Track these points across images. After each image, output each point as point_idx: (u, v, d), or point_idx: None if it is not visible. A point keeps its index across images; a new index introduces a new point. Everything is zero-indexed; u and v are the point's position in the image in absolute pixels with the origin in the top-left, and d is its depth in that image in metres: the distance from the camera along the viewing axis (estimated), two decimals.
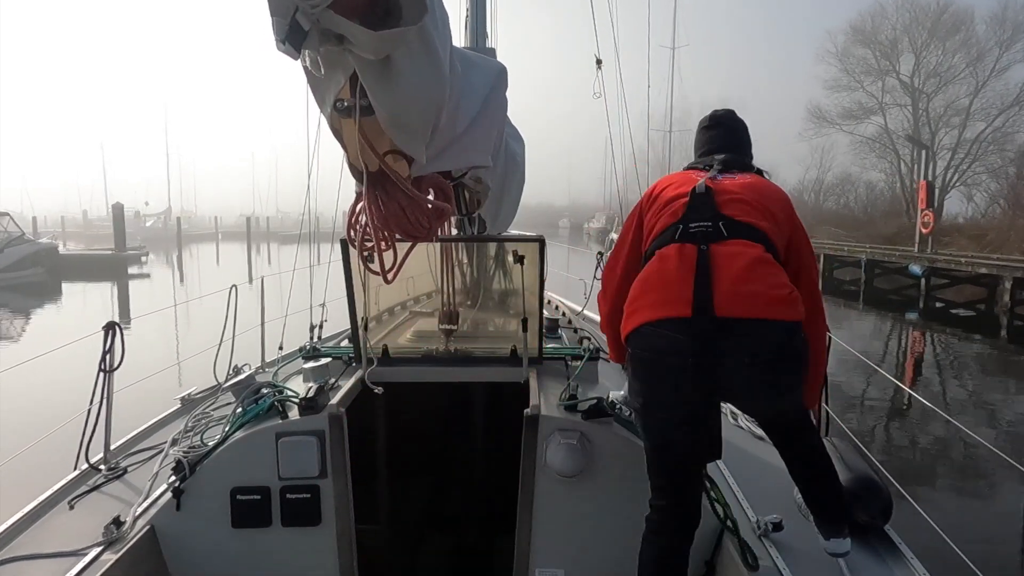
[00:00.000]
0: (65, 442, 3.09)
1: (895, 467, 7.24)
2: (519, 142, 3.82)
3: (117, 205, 34.26)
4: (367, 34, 1.47)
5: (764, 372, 2.02)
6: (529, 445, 2.44)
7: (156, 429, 3.46)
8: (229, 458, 2.46)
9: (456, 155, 2.15)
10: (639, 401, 2.15)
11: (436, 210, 2.04)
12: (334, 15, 1.42)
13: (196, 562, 2.44)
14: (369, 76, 1.63)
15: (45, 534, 2.47)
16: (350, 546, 2.52)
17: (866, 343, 16.66)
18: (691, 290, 2.01)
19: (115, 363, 3.02)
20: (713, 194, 2.22)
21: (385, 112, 1.73)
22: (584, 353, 3.20)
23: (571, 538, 2.43)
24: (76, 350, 3.87)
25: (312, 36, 1.44)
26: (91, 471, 2.94)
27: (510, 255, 2.95)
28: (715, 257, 2.06)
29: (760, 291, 2.02)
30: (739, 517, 2.57)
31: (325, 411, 2.50)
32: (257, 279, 4.74)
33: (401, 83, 1.65)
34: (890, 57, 41.73)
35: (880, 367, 11.89)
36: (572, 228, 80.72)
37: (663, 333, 2.03)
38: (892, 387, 10.78)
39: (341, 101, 1.75)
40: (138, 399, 3.84)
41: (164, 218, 61.59)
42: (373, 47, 1.52)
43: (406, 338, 3.27)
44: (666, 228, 2.21)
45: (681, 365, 2.00)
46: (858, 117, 43.55)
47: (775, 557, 2.34)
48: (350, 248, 2.85)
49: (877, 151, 43.43)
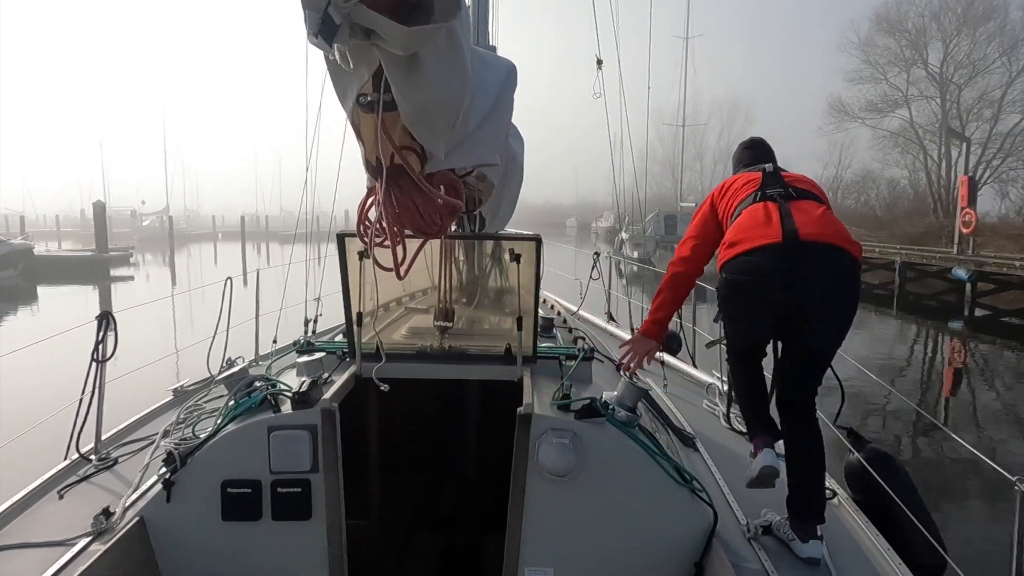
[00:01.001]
0: (56, 432, 3.08)
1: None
2: (518, 141, 3.83)
3: (98, 203, 32.16)
4: (399, 29, 1.47)
5: (835, 290, 2.42)
6: (521, 444, 2.44)
7: (148, 420, 3.45)
8: (220, 451, 2.45)
9: (468, 152, 2.16)
10: (728, 313, 2.63)
11: (448, 206, 2.04)
12: (366, 9, 1.43)
13: (185, 554, 2.43)
14: (395, 71, 1.63)
15: (34, 524, 2.46)
16: (340, 541, 2.52)
17: (910, 354, 15.45)
18: (779, 224, 2.46)
19: (107, 353, 3.01)
20: (779, 172, 2.77)
21: (409, 108, 1.73)
22: (578, 353, 3.20)
23: (561, 537, 2.44)
24: (65, 343, 3.86)
25: (343, 30, 1.45)
26: (81, 461, 2.93)
27: (507, 253, 2.95)
28: (793, 207, 2.54)
29: (835, 227, 2.50)
30: (729, 520, 2.57)
31: (318, 406, 2.50)
32: (251, 276, 4.73)
33: (427, 79, 1.66)
34: (917, 46, 39.18)
35: (931, 385, 11.31)
36: (580, 227, 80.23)
37: (756, 260, 2.45)
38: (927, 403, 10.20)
39: (364, 96, 1.76)
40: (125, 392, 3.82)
41: (161, 217, 61.20)
42: (403, 42, 1.52)
43: (401, 334, 3.27)
44: (746, 197, 2.68)
45: (768, 283, 2.41)
46: (882, 110, 41.04)
47: (764, 560, 2.35)
48: (347, 243, 2.85)
49: (901, 146, 40.93)
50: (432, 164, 1.98)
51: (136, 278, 30.16)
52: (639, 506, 2.41)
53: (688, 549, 2.39)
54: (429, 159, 1.98)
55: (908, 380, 11.61)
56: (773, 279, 2.40)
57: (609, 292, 6.64)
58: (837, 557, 2.45)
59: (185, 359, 4.81)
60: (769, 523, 2.54)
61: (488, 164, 2.52)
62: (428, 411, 4.09)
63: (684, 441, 3.28)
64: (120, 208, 64.10)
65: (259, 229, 64.16)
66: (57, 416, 3.13)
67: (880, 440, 8.80)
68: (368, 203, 2.06)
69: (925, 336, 18.77)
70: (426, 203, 1.97)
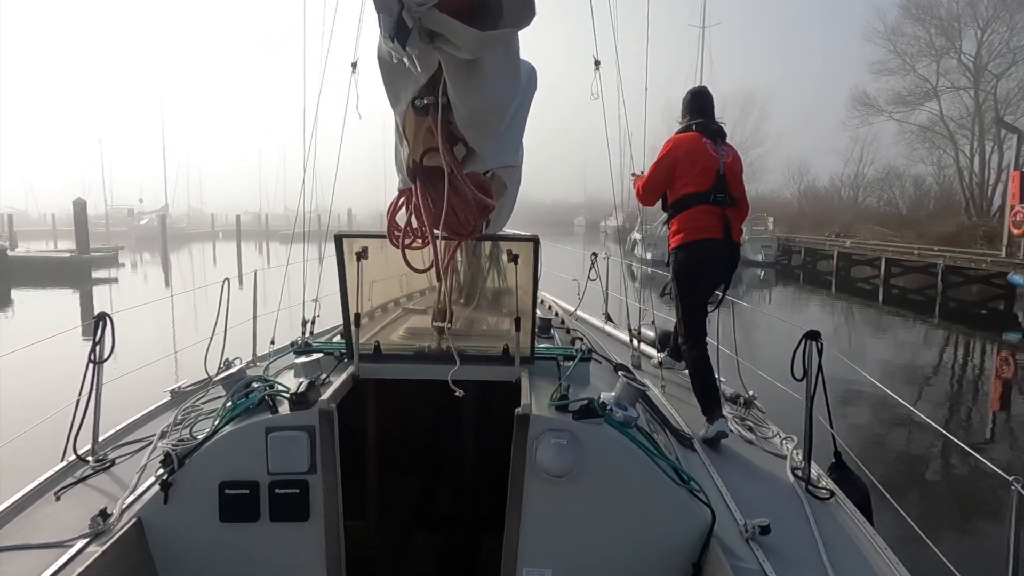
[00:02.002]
0: (53, 433, 3.07)
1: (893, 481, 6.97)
2: None
3: (78, 201, 29.97)
4: (472, 33, 1.47)
5: (735, 268, 4.11)
6: (519, 444, 2.44)
7: (145, 422, 3.44)
8: (218, 452, 2.44)
9: (497, 153, 2.18)
10: (688, 274, 3.97)
11: (481, 206, 2.05)
12: (439, 13, 1.44)
13: (183, 555, 2.43)
14: (456, 75, 1.65)
15: (31, 525, 2.45)
16: (338, 542, 2.52)
17: (960, 369, 13.97)
18: (721, 228, 3.90)
19: (104, 354, 3.01)
20: (725, 177, 3.93)
21: (465, 110, 1.74)
22: (576, 354, 3.20)
23: (559, 538, 2.44)
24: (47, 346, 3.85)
25: (414, 34, 1.46)
26: (79, 462, 2.92)
27: (505, 254, 2.95)
28: (728, 214, 3.94)
29: (740, 232, 4.07)
30: (726, 520, 2.58)
31: (316, 407, 2.49)
32: (246, 276, 4.73)
33: (486, 83, 1.68)
34: (949, 34, 36.76)
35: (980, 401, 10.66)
36: (588, 226, 79.50)
37: (709, 246, 3.90)
38: None
39: (420, 99, 1.77)
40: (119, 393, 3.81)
41: (160, 216, 60.96)
42: (473, 46, 1.52)
43: (399, 335, 3.27)
44: (700, 192, 3.89)
45: (714, 258, 3.96)
46: (910, 103, 38.92)
47: (762, 560, 2.35)
48: (344, 244, 2.84)
49: (929, 141, 38.56)
50: (472, 165, 1.99)
51: (121, 280, 28.55)
52: (637, 506, 2.41)
53: (686, 549, 2.39)
54: (468, 161, 1.99)
55: (961, 397, 10.97)
56: (718, 257, 3.95)
57: (607, 293, 6.64)
58: (834, 556, 2.45)
59: (183, 360, 4.79)
60: (767, 523, 2.55)
61: (511, 165, 2.55)
62: (426, 412, 4.09)
63: (682, 442, 3.28)
64: (121, 207, 63.99)
65: (260, 228, 63.79)
66: (54, 417, 3.12)
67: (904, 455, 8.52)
68: (399, 205, 2.06)
69: (974, 348, 16.79)
70: (462, 204, 1.98)
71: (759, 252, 35.31)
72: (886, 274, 26.86)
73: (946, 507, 7.16)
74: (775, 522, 2.54)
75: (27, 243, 41.66)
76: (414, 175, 1.93)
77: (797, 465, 3.26)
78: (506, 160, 2.35)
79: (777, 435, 3.87)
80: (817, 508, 2.86)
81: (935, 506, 7.20)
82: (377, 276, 3.06)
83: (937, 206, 37.77)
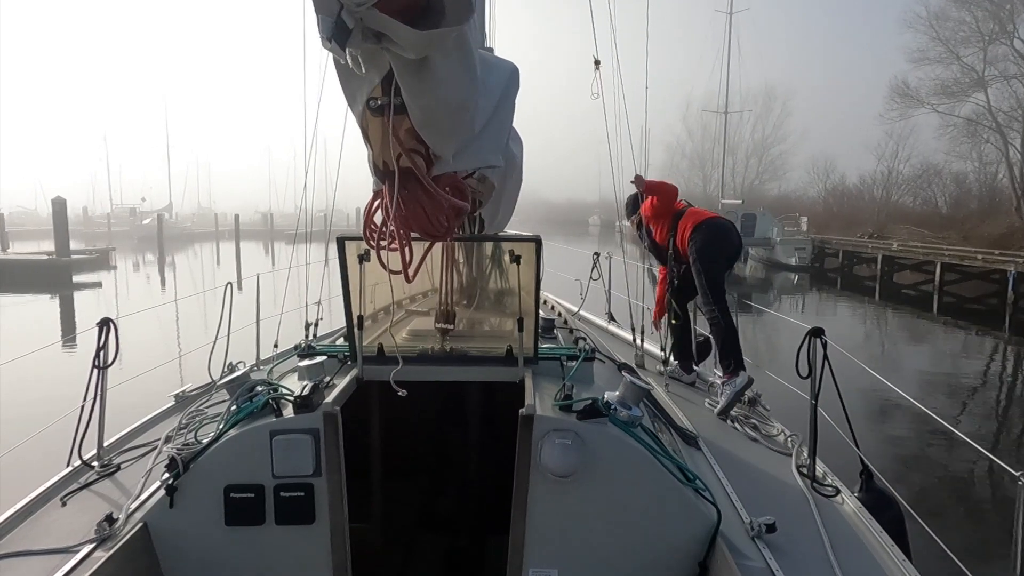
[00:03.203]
0: (58, 439, 3.08)
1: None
2: (517, 143, 3.83)
3: (57, 199, 27.19)
4: (412, 33, 1.47)
5: None
6: (523, 445, 2.44)
7: (150, 426, 3.45)
8: (223, 456, 2.45)
9: (473, 155, 2.17)
10: (716, 248, 4.62)
11: (454, 209, 2.04)
12: (379, 14, 1.44)
13: (189, 560, 2.43)
14: (406, 75, 1.64)
15: (37, 531, 2.46)
16: (343, 545, 2.52)
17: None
18: None
19: (109, 360, 3.01)
20: None
21: (418, 110, 1.73)
22: (579, 354, 3.20)
23: (565, 538, 2.43)
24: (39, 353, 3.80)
25: (355, 34, 1.46)
26: (84, 468, 2.93)
27: (507, 255, 2.95)
28: None
29: None
30: (732, 518, 2.57)
31: (320, 409, 2.49)
32: (246, 279, 4.72)
33: (437, 82, 1.67)
34: (999, 18, 33.76)
35: None
36: (604, 226, 78.52)
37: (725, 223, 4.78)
38: None
39: (374, 99, 1.77)
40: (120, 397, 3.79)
41: (165, 216, 60.65)
42: (415, 46, 1.52)
43: (402, 337, 3.27)
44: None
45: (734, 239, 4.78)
46: (954, 94, 35.75)
47: (768, 558, 2.35)
48: (347, 246, 2.85)
49: (976, 134, 35.41)
50: (439, 167, 1.98)
51: (108, 284, 26.19)
52: (642, 506, 2.41)
53: (692, 548, 2.38)
54: (436, 162, 1.98)
55: None
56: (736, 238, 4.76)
57: (610, 292, 6.63)
58: (840, 553, 2.45)
59: (186, 364, 4.78)
60: (773, 521, 2.54)
61: (491, 166, 2.53)
62: (430, 413, 4.09)
63: (687, 440, 3.28)
64: (125, 206, 63.91)
65: (266, 228, 63.44)
66: (59, 423, 3.13)
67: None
68: (374, 206, 2.05)
69: None
70: (433, 206, 1.97)
71: (792, 255, 33.24)
72: (940, 280, 24.65)
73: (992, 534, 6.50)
74: (781, 520, 2.53)
75: (33, 243, 40.58)
76: (382, 177, 1.93)
77: (802, 463, 3.26)
78: (487, 160, 2.33)
79: (782, 432, 3.86)
80: (823, 505, 2.86)
81: (982, 535, 6.60)
82: (380, 278, 3.06)
83: (981, 205, 35.03)
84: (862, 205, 45.73)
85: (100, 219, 63.34)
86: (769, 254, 35.06)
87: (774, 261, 34.63)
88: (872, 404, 9.95)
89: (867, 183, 46.92)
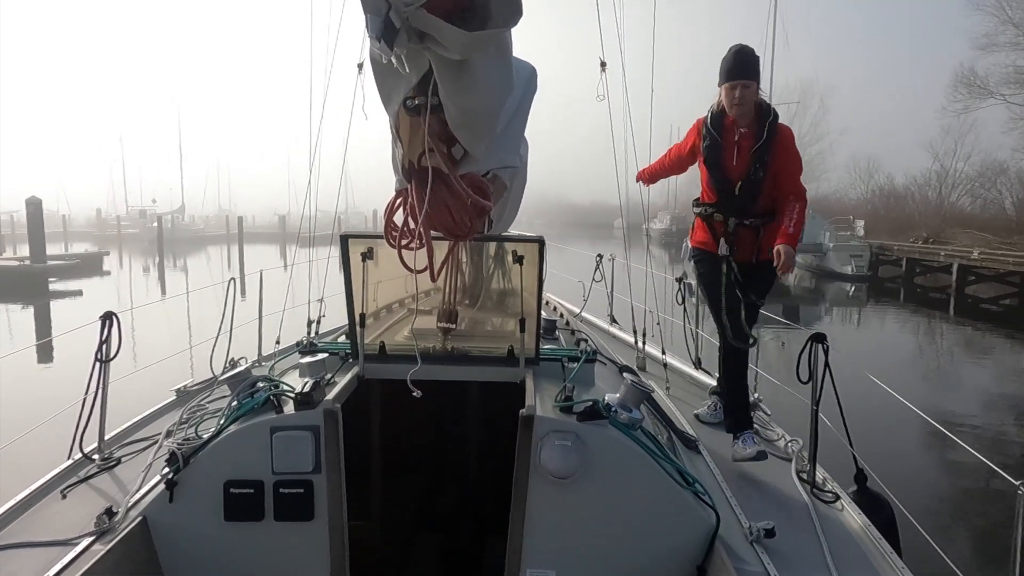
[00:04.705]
0: (59, 431, 3.09)
1: None
2: (524, 144, 3.84)
3: (31, 200, 25.05)
4: (460, 34, 1.48)
5: None
6: (523, 445, 2.44)
7: (150, 420, 3.46)
8: (223, 451, 2.45)
9: (495, 154, 2.18)
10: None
11: (477, 208, 2.05)
12: (426, 14, 1.45)
13: (188, 554, 2.43)
14: (446, 75, 1.65)
15: (37, 523, 2.47)
16: (342, 542, 2.52)
17: None
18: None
19: (111, 353, 3.02)
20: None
21: (456, 111, 1.74)
22: (581, 355, 3.20)
23: (564, 539, 2.43)
24: None
25: (402, 34, 1.47)
26: (84, 461, 2.93)
27: (510, 255, 2.95)
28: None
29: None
30: (731, 522, 2.57)
31: (320, 406, 2.50)
32: (248, 284, 4.73)
33: (476, 83, 1.68)
34: None
35: None
36: (629, 229, 77.10)
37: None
38: None
39: (412, 99, 1.78)
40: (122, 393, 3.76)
41: (177, 217, 59.73)
42: (462, 47, 1.53)
43: (403, 335, 3.27)
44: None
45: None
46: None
47: (767, 563, 2.34)
48: (350, 244, 2.85)
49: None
50: (465, 166, 1.99)
51: (89, 293, 23.97)
52: (641, 508, 2.41)
53: (690, 552, 2.38)
54: (460, 162, 1.99)
55: None
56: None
57: (612, 294, 6.63)
58: (839, 559, 2.44)
59: (188, 360, 4.78)
60: (772, 526, 2.54)
61: (510, 166, 2.55)
62: (430, 412, 4.09)
63: (687, 444, 3.27)
64: (134, 208, 63.86)
65: (278, 230, 62.83)
66: (60, 416, 3.14)
67: None
68: (396, 205, 2.06)
69: None
70: (458, 205, 1.98)
71: (848, 263, 29.43)
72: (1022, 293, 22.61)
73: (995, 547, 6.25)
74: (780, 525, 2.53)
75: (55, 246, 39.84)
76: (409, 175, 1.93)
77: (803, 468, 3.25)
78: (505, 160, 2.35)
79: (782, 437, 3.86)
80: (823, 511, 2.85)
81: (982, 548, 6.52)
82: (382, 277, 3.06)
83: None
84: (911, 207, 41.87)
85: (112, 221, 63.17)
86: (820, 261, 31.32)
87: (826, 269, 30.85)
88: (878, 412, 9.81)
89: (919, 183, 42.66)
